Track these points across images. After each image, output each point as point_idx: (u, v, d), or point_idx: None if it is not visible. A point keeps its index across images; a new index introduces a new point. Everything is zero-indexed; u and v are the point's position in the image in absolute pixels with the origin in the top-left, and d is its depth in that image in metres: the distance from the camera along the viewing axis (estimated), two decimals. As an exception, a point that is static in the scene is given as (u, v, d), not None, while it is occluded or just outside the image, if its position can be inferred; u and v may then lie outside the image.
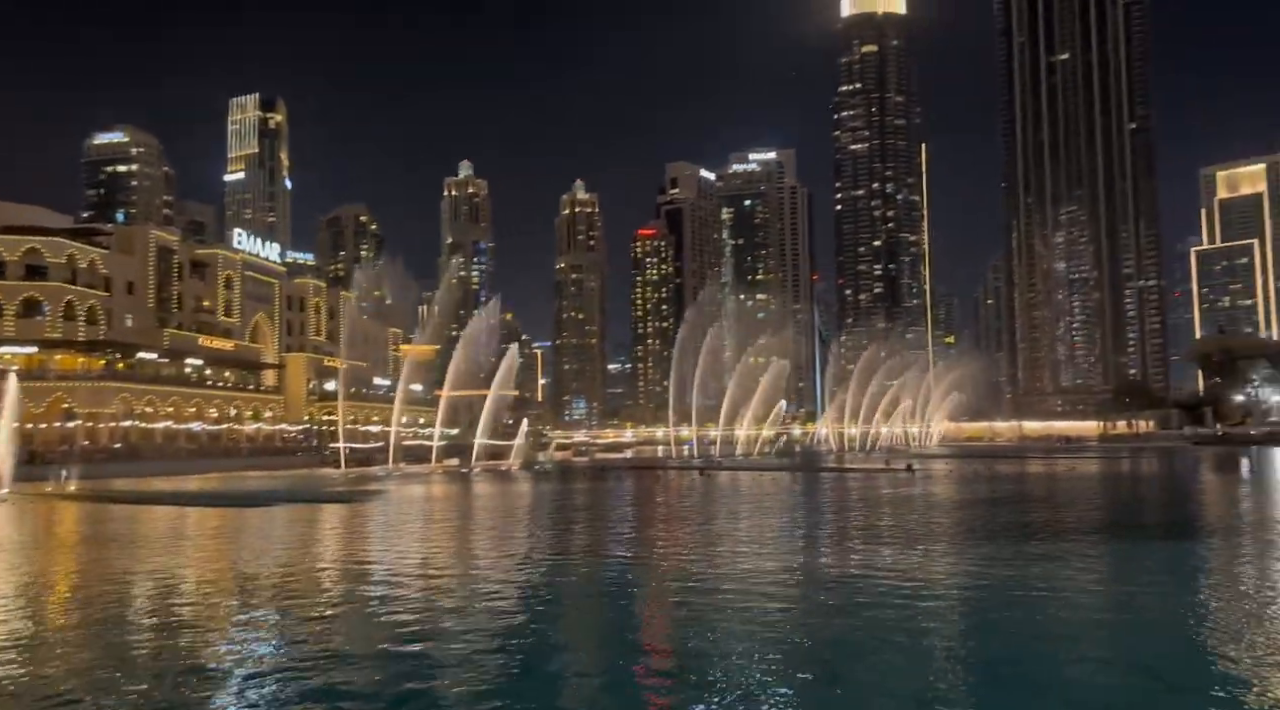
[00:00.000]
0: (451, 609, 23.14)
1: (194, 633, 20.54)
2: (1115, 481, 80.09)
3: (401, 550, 36.15)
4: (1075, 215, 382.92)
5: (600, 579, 27.97)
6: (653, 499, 64.12)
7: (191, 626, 21.19)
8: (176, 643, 19.58)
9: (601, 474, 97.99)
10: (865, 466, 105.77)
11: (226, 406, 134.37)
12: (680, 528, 43.20)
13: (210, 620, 22.11)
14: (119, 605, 24.34)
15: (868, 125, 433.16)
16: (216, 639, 19.97)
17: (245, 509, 55.95)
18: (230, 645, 19.35)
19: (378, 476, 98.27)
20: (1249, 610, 21.98)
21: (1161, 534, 38.40)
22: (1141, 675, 16.69)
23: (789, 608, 22.22)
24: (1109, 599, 24.09)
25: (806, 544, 35.84)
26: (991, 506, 51.57)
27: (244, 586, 26.88)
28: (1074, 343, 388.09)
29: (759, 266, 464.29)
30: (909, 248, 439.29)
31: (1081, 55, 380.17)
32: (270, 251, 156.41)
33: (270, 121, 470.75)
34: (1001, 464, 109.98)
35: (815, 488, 71.70)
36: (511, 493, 72.00)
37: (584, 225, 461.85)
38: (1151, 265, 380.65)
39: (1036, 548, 32.55)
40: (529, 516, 51.39)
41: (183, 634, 20.38)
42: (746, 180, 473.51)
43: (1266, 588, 25.10)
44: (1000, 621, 20.86)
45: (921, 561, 29.92)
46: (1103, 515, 47.82)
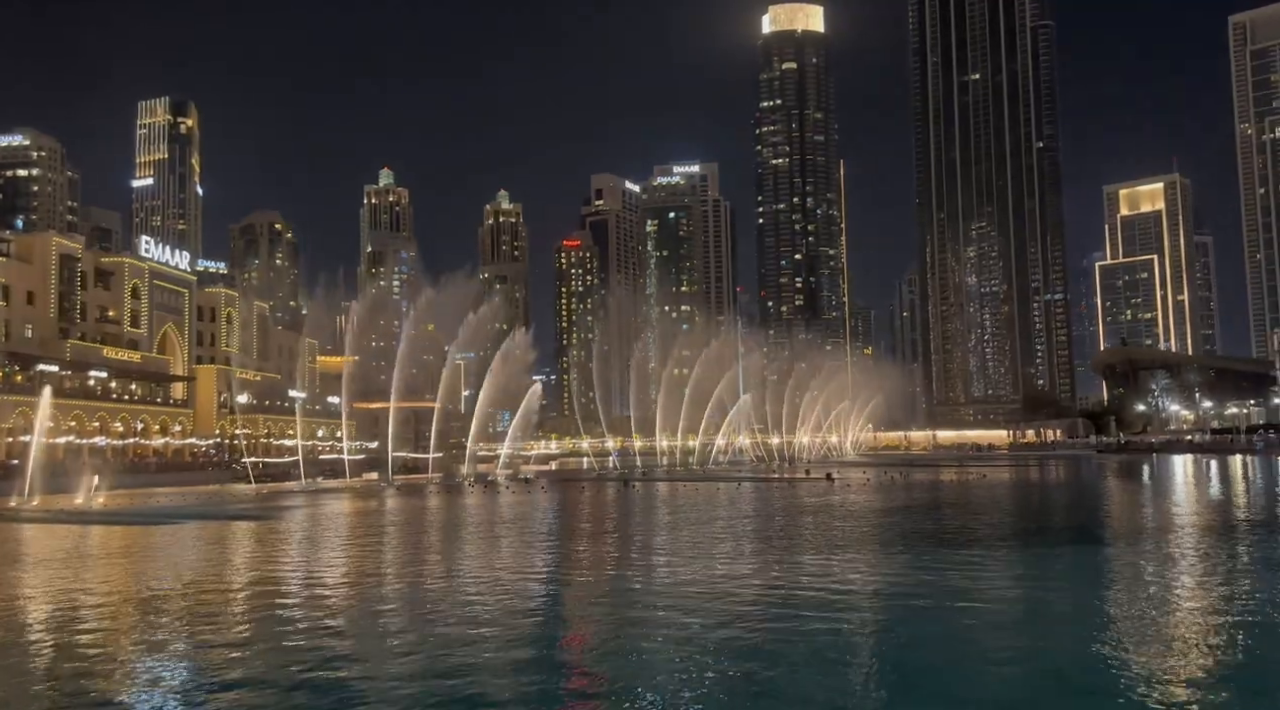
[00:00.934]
0: (341, 630, 22.58)
1: (95, 647, 19.59)
2: (1025, 489, 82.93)
3: (307, 568, 35.17)
4: (985, 231, 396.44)
5: (481, 594, 27.66)
6: (576, 510, 63.83)
7: (90, 645, 20.21)
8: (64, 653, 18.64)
9: (525, 485, 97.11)
10: (788, 476, 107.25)
11: (133, 420, 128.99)
12: (601, 540, 43.08)
13: (114, 637, 21.12)
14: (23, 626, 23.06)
15: (788, 141, 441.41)
16: (115, 655, 19.08)
17: (152, 527, 53.75)
18: (128, 663, 18.52)
19: (291, 492, 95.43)
20: (1151, 612, 22.95)
21: (1068, 539, 39.85)
22: (1050, 677, 17.24)
23: (709, 618, 22.33)
24: (1020, 602, 24.86)
25: (729, 554, 36.10)
26: (908, 514, 52.82)
27: (149, 606, 25.75)
28: (985, 354, 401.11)
29: (683, 278, 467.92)
30: (828, 261, 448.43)
31: (991, 76, 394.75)
32: (180, 260, 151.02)
33: (181, 126, 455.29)
34: (917, 472, 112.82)
35: (738, 498, 72.35)
36: (428, 508, 70.78)
37: (508, 235, 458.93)
38: (1058, 279, 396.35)
39: (951, 553, 33.43)
40: (442, 532, 50.58)
41: (81, 649, 19.42)
42: (670, 193, 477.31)
43: (1167, 590, 26.25)
44: (915, 626, 21.33)
45: (841, 569, 30.43)
46: (1013, 522, 49.45)
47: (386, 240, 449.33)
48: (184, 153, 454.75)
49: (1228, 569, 29.93)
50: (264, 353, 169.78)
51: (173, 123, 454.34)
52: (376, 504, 74.81)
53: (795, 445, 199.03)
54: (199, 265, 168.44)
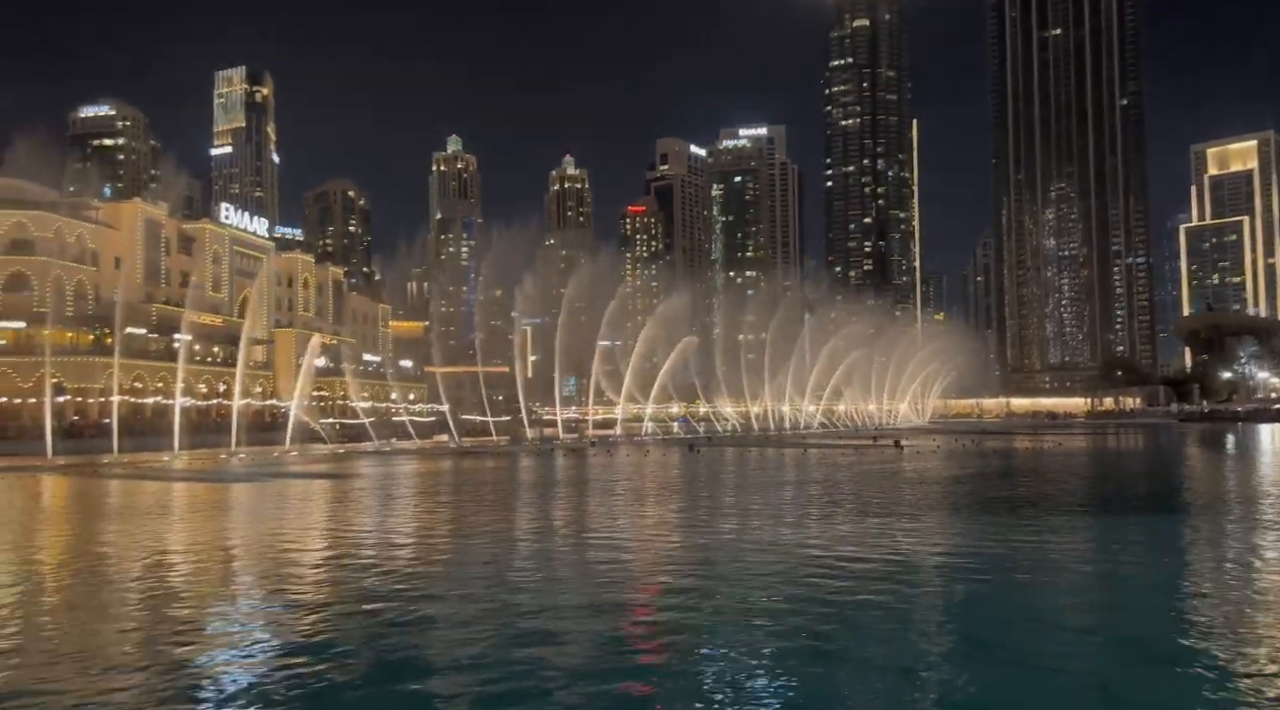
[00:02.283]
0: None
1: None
2: (1102, 457, 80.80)
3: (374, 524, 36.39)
4: (1065, 192, 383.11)
5: (519, 553, 28.17)
6: (653, 472, 64.42)
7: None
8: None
9: (584, 449, 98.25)
10: (854, 442, 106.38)
11: (216, 382, 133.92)
12: (674, 502, 43.50)
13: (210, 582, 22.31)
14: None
15: (859, 101, 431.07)
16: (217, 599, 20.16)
17: (263, 482, 56.24)
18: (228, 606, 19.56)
19: (365, 452, 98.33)
20: (1233, 583, 22.31)
21: (1147, 508, 38.82)
22: (1128, 646, 16.95)
23: (784, 582, 22.48)
24: (1098, 571, 24.39)
25: (798, 518, 36.14)
26: (979, 481, 52.00)
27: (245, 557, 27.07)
28: (1062, 319, 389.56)
29: (749, 243, 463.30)
30: (899, 224, 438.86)
31: (1074, 31, 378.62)
32: (258, 226, 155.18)
33: (257, 95, 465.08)
34: (990, 440, 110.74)
35: (805, 463, 72.07)
36: (502, 468, 72.19)
37: (574, 201, 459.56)
38: (1140, 242, 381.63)
39: (1024, 521, 32.89)
40: (515, 492, 51.61)
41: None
42: (737, 157, 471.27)
43: (1248, 561, 25.45)
44: (989, 593, 21.14)
45: (910, 534, 30.21)
46: (1090, 490, 48.31)
47: (455, 207, 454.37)
48: (260, 121, 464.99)
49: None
50: (339, 317, 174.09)
51: (249, 91, 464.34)
52: (451, 464, 76.55)
53: (861, 412, 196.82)
54: (276, 232, 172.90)
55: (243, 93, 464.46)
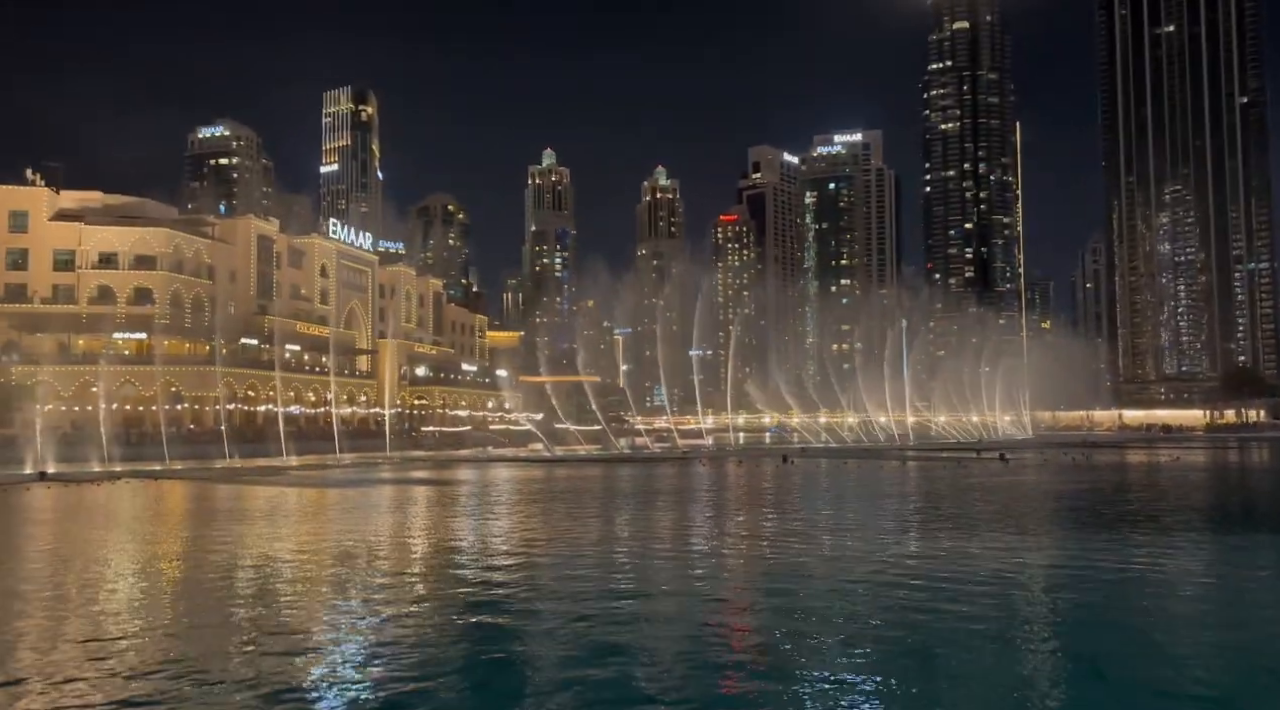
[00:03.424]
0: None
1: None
2: (1223, 473, 76.43)
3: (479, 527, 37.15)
4: (1180, 195, 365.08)
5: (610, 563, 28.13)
6: (737, 483, 64.01)
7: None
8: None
9: (683, 459, 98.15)
10: (957, 455, 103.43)
11: (324, 391, 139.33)
12: (768, 514, 43.12)
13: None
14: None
15: (958, 104, 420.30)
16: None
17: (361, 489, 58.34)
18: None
19: (465, 459, 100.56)
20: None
21: (1271, 528, 36.56)
22: (1254, 672, 16.02)
23: (901, 592, 22.07)
24: (1221, 593, 23.10)
25: (890, 531, 35.37)
26: (1088, 497, 49.86)
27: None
28: (1179, 328, 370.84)
29: (843, 251, 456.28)
30: (1001, 230, 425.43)
31: (1188, 27, 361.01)
32: (363, 240, 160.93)
33: (362, 113, 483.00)
34: (1100, 454, 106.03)
35: (895, 476, 70.47)
36: (596, 477, 72.84)
37: (665, 211, 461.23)
38: (1263, 246, 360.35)
39: (1137, 539, 31.39)
40: (614, 501, 51.99)
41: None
42: (831, 163, 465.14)
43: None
44: (1107, 612, 20.27)
45: (1018, 550, 29.19)
46: (1210, 508, 45.76)
47: (549, 219, 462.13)
48: (365, 139, 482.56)
49: None
50: (439, 328, 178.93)
51: (355, 111, 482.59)
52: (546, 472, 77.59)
53: (963, 424, 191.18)
54: (380, 246, 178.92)
55: (349, 112, 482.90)
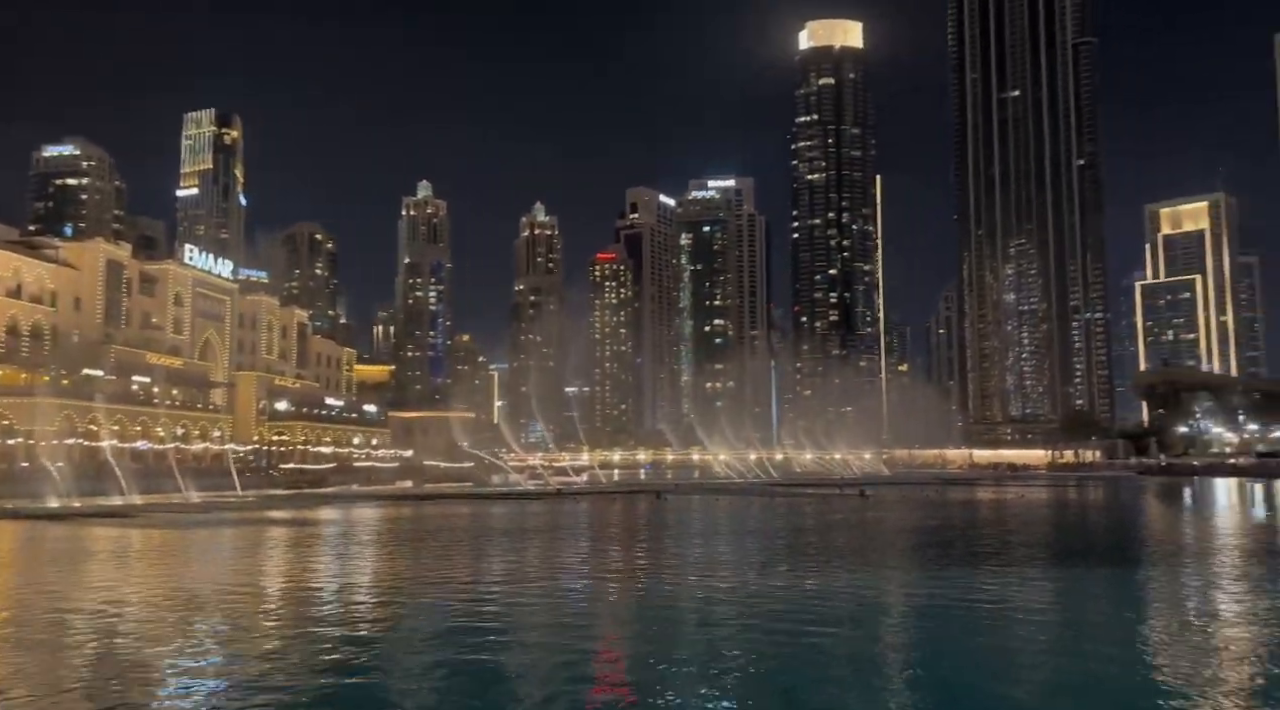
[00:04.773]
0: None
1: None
2: (1063, 509, 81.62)
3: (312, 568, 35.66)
4: (1024, 248, 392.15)
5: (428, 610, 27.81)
6: (610, 520, 63.92)
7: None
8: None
9: (557, 496, 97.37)
10: (821, 491, 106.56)
11: (174, 425, 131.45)
12: (640, 551, 43.16)
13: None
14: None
15: (824, 156, 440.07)
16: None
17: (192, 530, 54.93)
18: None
19: (325, 498, 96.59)
20: (1190, 637, 22.56)
21: (1109, 561, 39.22)
22: (1088, 695, 17.04)
23: (747, 625, 22.36)
24: (1060, 622, 24.53)
25: (755, 565, 36.01)
26: (942, 532, 52.28)
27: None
28: (1023, 373, 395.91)
29: (717, 293, 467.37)
30: (863, 277, 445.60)
31: (1032, 92, 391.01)
32: (222, 268, 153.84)
33: (226, 136, 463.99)
34: (953, 491, 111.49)
35: (763, 511, 72.02)
36: (466, 516, 71.30)
37: (543, 247, 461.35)
38: (1098, 298, 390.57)
39: (986, 572, 33.07)
40: (481, 540, 50.97)
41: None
42: (705, 207, 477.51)
43: (1206, 615, 25.77)
44: (952, 641, 21.16)
45: (873, 584, 30.22)
46: (1052, 542, 48.73)
47: (424, 251, 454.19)
48: (228, 163, 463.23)
49: (1270, 593, 29.31)
50: (303, 360, 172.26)
51: (217, 133, 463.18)
52: (412, 511, 75.31)
53: (827, 461, 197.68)
54: (241, 274, 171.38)
55: (211, 134, 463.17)
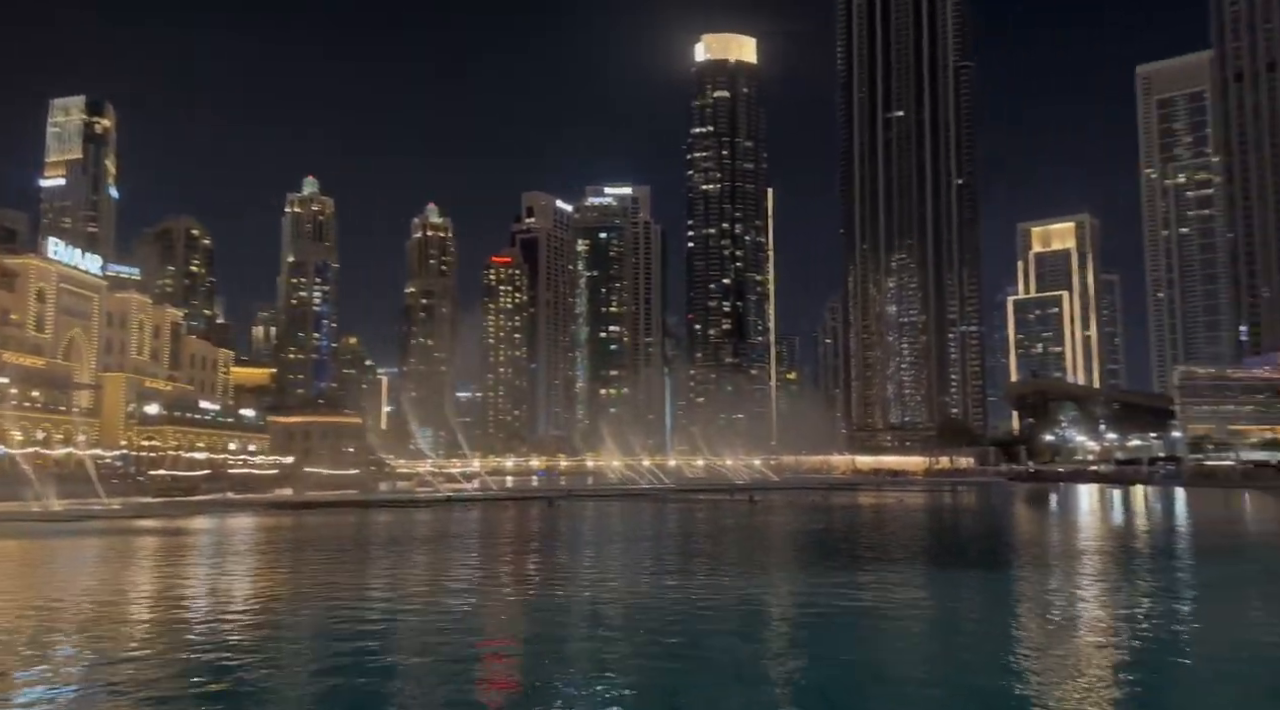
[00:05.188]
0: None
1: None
2: (938, 514, 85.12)
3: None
4: (906, 262, 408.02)
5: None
6: (502, 527, 63.08)
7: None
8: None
9: (447, 503, 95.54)
10: (712, 497, 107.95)
11: (34, 429, 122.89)
12: (531, 558, 42.69)
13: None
14: None
15: (719, 167, 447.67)
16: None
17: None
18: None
19: (198, 506, 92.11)
20: (1052, 632, 23.78)
21: (979, 563, 41.04)
22: (960, 694, 17.70)
23: (636, 632, 22.34)
24: (931, 621, 25.47)
25: (660, 571, 36.14)
26: (828, 536, 53.72)
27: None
28: (903, 382, 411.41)
29: (613, 299, 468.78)
30: (755, 287, 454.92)
31: (915, 113, 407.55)
32: (90, 263, 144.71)
33: (97, 126, 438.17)
34: (837, 496, 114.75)
35: (656, 517, 72.51)
36: (351, 525, 69.17)
37: (436, 249, 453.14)
38: (973, 312, 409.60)
39: (865, 574, 34.10)
40: (366, 550, 49.51)
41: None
42: (602, 213, 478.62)
43: (1070, 617, 27.23)
44: (829, 642, 21.67)
45: (761, 586, 30.74)
46: (927, 546, 50.67)
47: (309, 250, 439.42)
48: (99, 154, 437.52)
49: (1127, 593, 31.19)
50: (176, 362, 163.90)
51: (88, 122, 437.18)
52: (293, 521, 72.57)
53: (717, 466, 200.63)
54: (110, 270, 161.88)
55: (80, 123, 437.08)
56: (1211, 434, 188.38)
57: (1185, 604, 28.81)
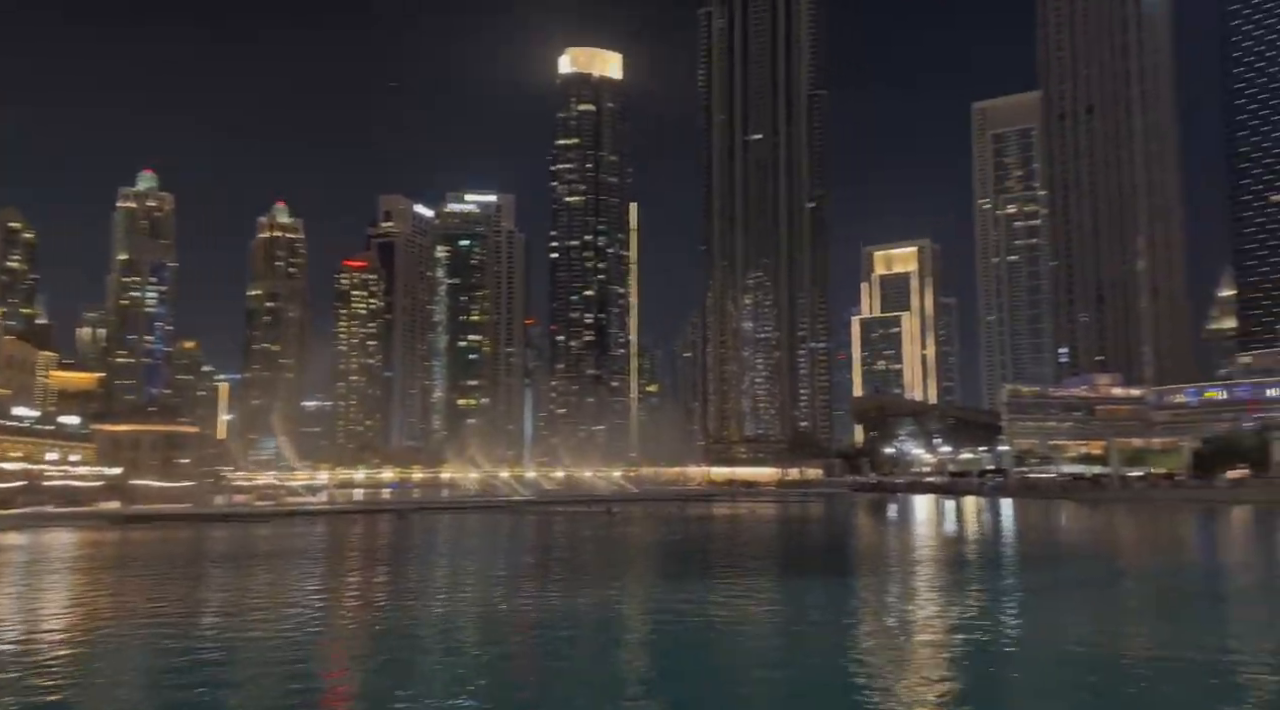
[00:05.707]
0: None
1: None
2: (787, 524, 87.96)
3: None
4: (761, 280, 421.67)
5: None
6: (351, 542, 60.72)
7: None
8: None
9: (290, 517, 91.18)
10: (570, 508, 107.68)
11: None
12: (381, 573, 41.27)
13: None
14: None
15: (583, 179, 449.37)
16: None
17: None
18: None
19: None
20: (891, 635, 24.95)
21: (823, 570, 42.65)
22: (804, 695, 18.29)
23: (489, 649, 21.93)
24: (778, 628, 26.24)
25: (515, 585, 35.64)
26: (682, 546, 54.54)
27: None
28: (757, 396, 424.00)
29: (474, 308, 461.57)
30: (617, 299, 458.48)
31: (771, 137, 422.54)
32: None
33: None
34: (693, 507, 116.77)
35: (513, 530, 71.73)
36: (180, 541, 64.97)
37: (284, 251, 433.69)
38: (823, 329, 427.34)
39: (716, 583, 34.81)
40: (198, 567, 46.61)
41: None
42: (464, 220, 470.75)
43: (908, 622, 28.64)
44: (683, 650, 21.97)
45: (614, 597, 30.82)
46: (777, 555, 52.25)
47: (144, 248, 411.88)
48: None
49: (961, 596, 33.10)
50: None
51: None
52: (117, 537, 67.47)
53: (577, 478, 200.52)
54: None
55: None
56: (1034, 448, 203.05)
57: (1009, 609, 30.83)
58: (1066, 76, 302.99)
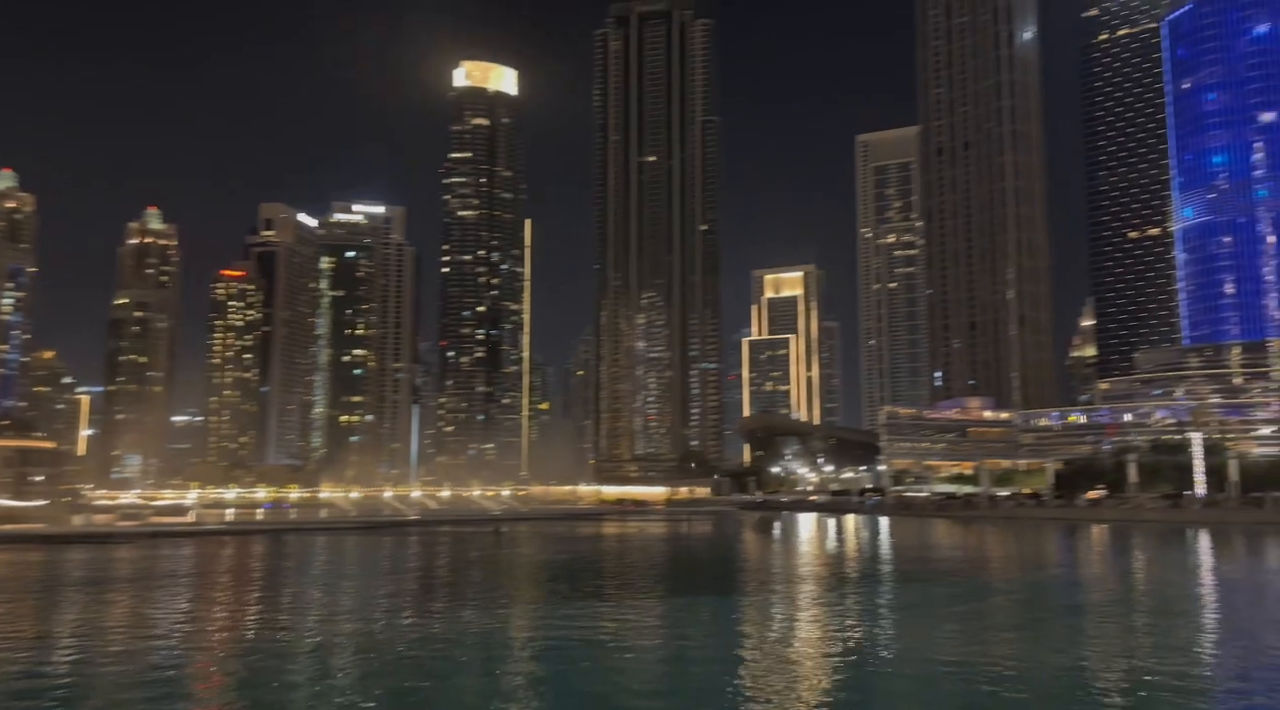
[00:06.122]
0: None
1: None
2: (676, 542, 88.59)
3: None
4: (654, 301, 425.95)
5: None
6: (222, 565, 57.77)
7: None
8: None
9: (153, 538, 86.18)
10: (456, 528, 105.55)
11: None
12: (252, 598, 39.34)
13: None
14: None
15: (476, 194, 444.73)
16: None
17: None
18: None
19: None
20: (776, 652, 25.30)
21: (710, 588, 43.05)
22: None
23: (367, 676, 21.14)
24: (665, 647, 26.29)
25: (395, 608, 34.53)
26: (567, 567, 54.12)
27: None
28: (648, 415, 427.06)
29: (359, 321, 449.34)
30: (510, 316, 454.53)
31: (666, 160, 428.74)
32: None
33: None
34: (582, 526, 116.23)
35: (396, 551, 69.83)
36: (28, 562, 60.53)
37: (155, 258, 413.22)
38: (713, 350, 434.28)
39: (603, 604, 34.66)
40: (54, 592, 43.46)
41: None
42: (351, 231, 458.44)
43: (790, 636, 29.16)
44: (570, 672, 21.72)
45: (498, 620, 30.26)
46: (665, 574, 52.46)
47: (1, 253, 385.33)
48: None
49: (840, 613, 33.91)
50: None
51: None
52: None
53: (464, 497, 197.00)
54: None
55: None
56: (911, 468, 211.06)
57: (885, 624, 31.77)
58: (944, 113, 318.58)
